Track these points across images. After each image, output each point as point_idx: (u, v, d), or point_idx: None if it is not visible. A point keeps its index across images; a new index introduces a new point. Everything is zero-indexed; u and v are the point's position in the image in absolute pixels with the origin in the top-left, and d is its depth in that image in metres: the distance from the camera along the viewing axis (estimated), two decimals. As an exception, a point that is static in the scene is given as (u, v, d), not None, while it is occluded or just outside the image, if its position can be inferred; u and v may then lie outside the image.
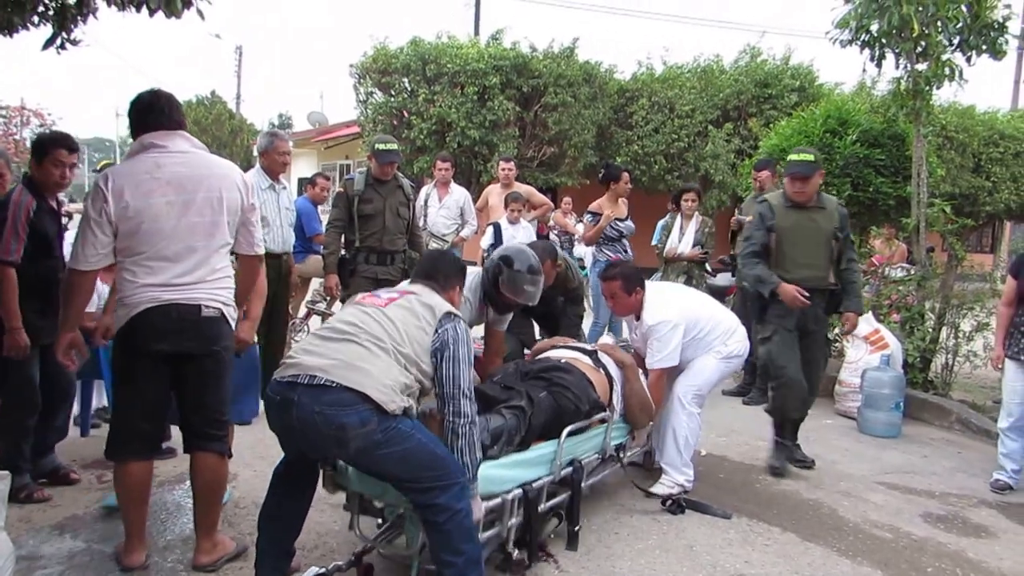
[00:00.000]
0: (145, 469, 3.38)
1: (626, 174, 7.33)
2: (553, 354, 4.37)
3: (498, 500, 3.23)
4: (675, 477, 4.57)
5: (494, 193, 8.23)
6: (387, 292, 3.23)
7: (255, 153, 5.99)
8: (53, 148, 4.03)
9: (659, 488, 4.55)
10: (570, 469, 3.69)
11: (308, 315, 8.61)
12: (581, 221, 10.88)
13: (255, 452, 4.84)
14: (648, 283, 4.64)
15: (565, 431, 3.62)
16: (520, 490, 3.36)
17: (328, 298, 7.62)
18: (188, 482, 3.55)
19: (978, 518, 4.58)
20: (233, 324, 3.43)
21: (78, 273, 3.17)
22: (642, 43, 34.18)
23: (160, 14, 4.02)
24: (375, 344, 2.89)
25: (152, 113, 3.30)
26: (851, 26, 7.29)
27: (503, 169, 8.24)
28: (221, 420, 3.43)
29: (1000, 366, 5.19)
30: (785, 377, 4.98)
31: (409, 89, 15.03)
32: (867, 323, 6.77)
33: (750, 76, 15.99)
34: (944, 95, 7.74)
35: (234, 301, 3.43)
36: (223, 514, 3.78)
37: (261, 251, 3.57)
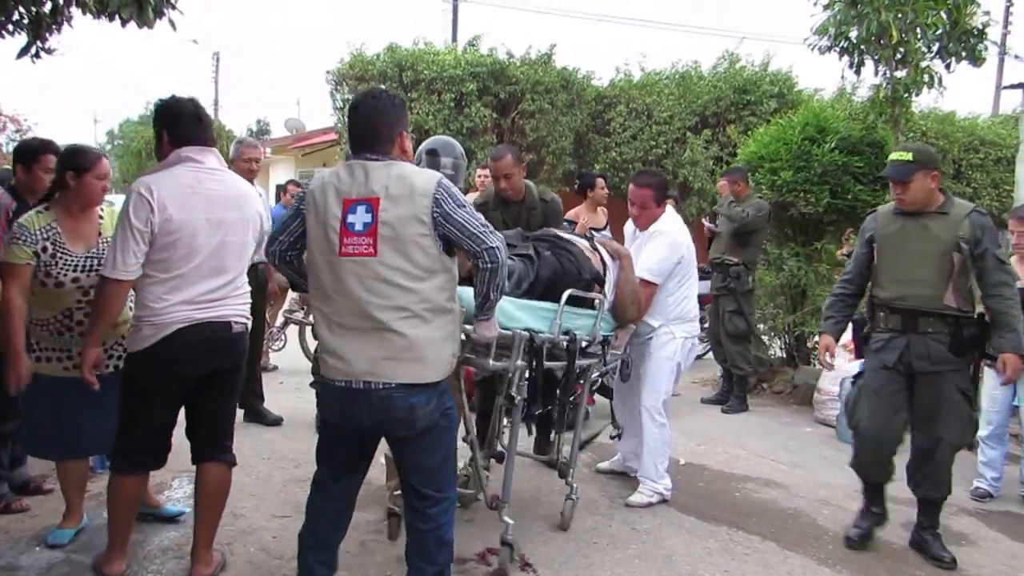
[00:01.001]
0: (143, 482, 3.40)
1: (601, 180, 7.27)
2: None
3: (509, 333, 3.31)
4: (653, 486, 4.54)
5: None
6: (356, 218, 2.73)
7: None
8: (43, 154, 3.97)
9: (638, 498, 4.51)
10: (567, 338, 3.61)
11: (285, 324, 8.50)
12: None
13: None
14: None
15: (567, 292, 3.56)
16: (527, 333, 3.38)
17: (305, 307, 7.53)
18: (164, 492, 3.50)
19: (958, 526, 4.55)
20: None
21: (116, 283, 3.07)
22: (619, 49, 34.27)
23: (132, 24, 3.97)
24: (409, 315, 2.71)
25: (192, 126, 3.25)
26: (830, 33, 7.31)
27: (479, 176, 8.17)
28: (232, 431, 3.47)
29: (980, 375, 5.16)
30: (859, 428, 4.20)
31: (386, 96, 14.94)
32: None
33: (728, 82, 16.02)
34: (924, 101, 7.82)
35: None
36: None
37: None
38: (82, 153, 3.59)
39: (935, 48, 7.19)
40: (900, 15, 6.85)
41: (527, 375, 3.51)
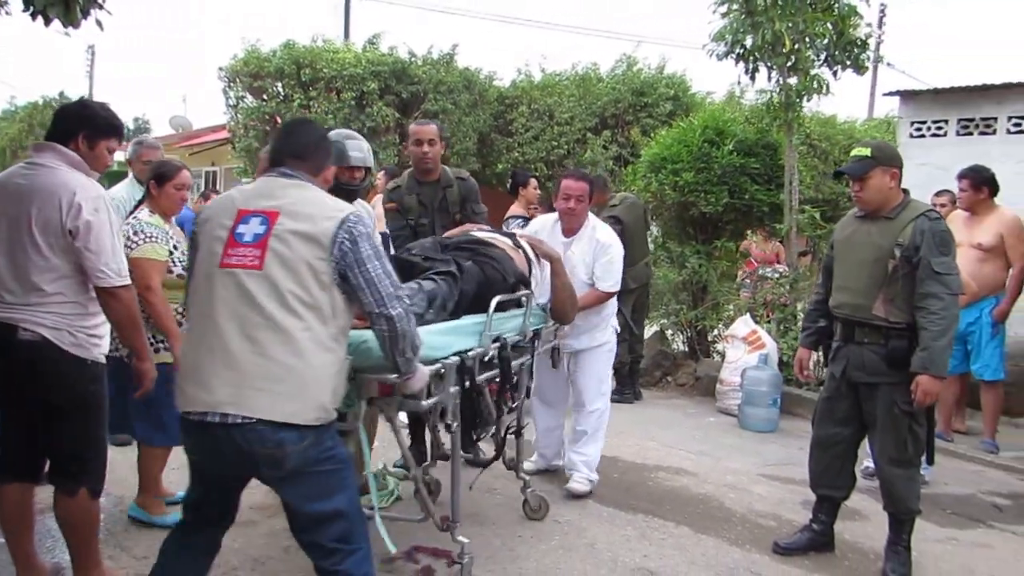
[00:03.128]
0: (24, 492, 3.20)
1: (534, 180, 7.38)
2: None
3: (438, 366, 3.05)
4: (591, 475, 4.78)
5: (380, 204, 8.14)
6: (247, 228, 2.49)
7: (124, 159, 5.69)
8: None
9: (578, 486, 4.69)
10: (497, 345, 3.56)
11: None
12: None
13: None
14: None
15: (495, 300, 3.46)
16: (457, 358, 3.20)
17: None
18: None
19: (851, 503, 4.87)
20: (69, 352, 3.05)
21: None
22: (521, 50, 34.71)
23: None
24: (287, 342, 2.40)
25: (55, 123, 3.19)
26: (727, 40, 7.64)
27: (380, 180, 8.19)
28: (76, 456, 3.15)
29: None
30: (812, 438, 4.19)
31: (283, 94, 14.71)
32: (745, 324, 7.12)
33: (627, 84, 16.42)
34: (808, 105, 8.22)
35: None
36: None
37: (107, 283, 3.04)
38: (164, 164, 4.20)
39: (823, 57, 7.62)
40: (792, 25, 7.23)
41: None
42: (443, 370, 3.08)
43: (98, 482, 3.20)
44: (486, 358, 3.48)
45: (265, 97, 14.85)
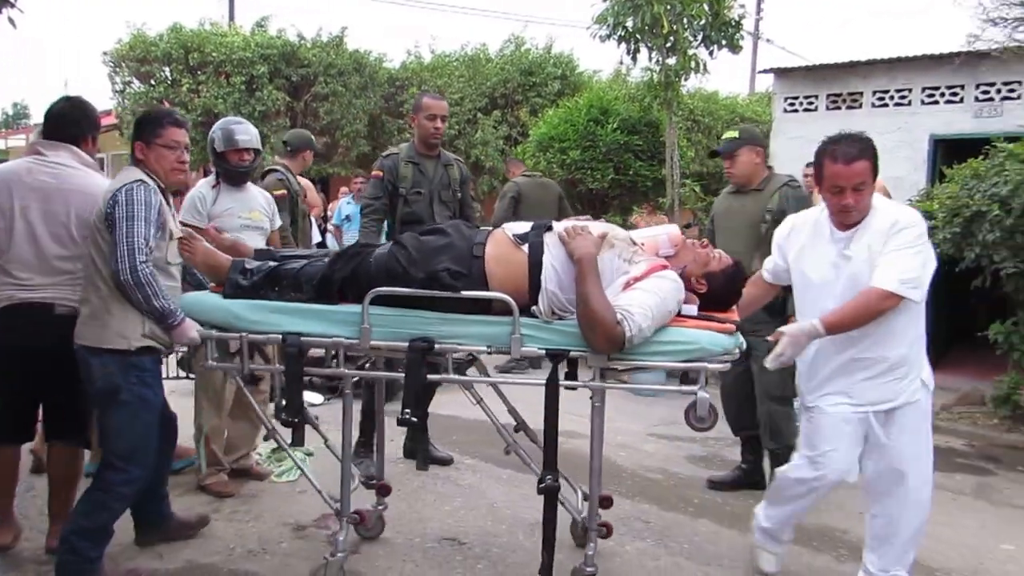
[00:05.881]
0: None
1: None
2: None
3: (239, 336, 3.14)
4: None
5: (312, 190, 8.11)
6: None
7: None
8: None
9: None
10: (404, 344, 3.06)
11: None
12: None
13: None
14: None
15: (369, 293, 3.04)
16: (278, 336, 3.12)
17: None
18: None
19: (732, 455, 5.22)
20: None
21: None
22: (410, 31, 34.40)
23: None
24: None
25: (50, 122, 3.52)
26: (609, 22, 7.92)
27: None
28: (78, 414, 3.55)
29: None
30: (720, 389, 4.57)
31: (171, 79, 14.34)
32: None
33: (515, 65, 16.63)
34: (690, 82, 8.66)
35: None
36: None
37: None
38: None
39: (700, 37, 7.99)
40: (670, 7, 7.55)
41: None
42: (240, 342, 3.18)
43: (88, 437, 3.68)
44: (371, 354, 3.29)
45: (153, 82, 14.47)
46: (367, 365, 3.51)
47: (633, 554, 3.85)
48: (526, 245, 3.13)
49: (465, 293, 3.03)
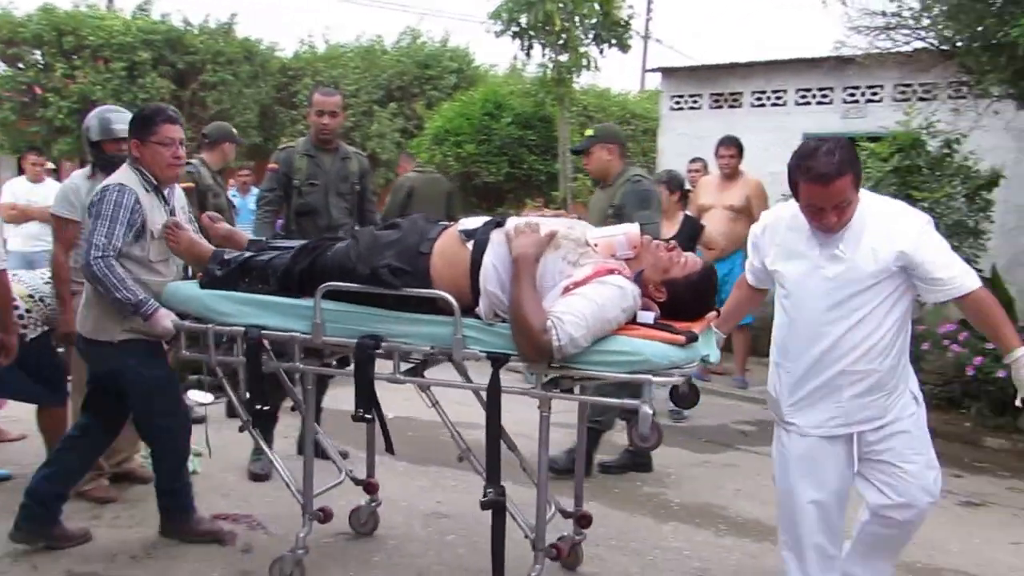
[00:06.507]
0: None
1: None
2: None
3: (207, 327, 3.22)
4: None
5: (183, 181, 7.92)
6: None
7: None
8: None
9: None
10: (352, 340, 3.01)
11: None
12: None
13: None
14: None
15: (319, 289, 3.01)
16: (241, 328, 3.15)
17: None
18: None
19: (621, 439, 5.43)
20: None
21: None
22: (303, 21, 33.69)
23: None
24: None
25: None
26: (503, 18, 8.05)
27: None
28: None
29: None
30: None
31: (43, 62, 13.69)
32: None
33: (411, 57, 16.59)
34: (584, 79, 8.93)
35: None
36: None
37: None
38: None
39: (591, 35, 8.22)
40: (562, 5, 7.74)
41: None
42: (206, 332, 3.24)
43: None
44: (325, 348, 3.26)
45: (21, 65, 13.76)
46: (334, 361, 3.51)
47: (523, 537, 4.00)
48: (471, 242, 2.98)
49: (407, 291, 2.94)
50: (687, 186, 6.52)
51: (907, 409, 2.86)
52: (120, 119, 4.13)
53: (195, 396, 6.06)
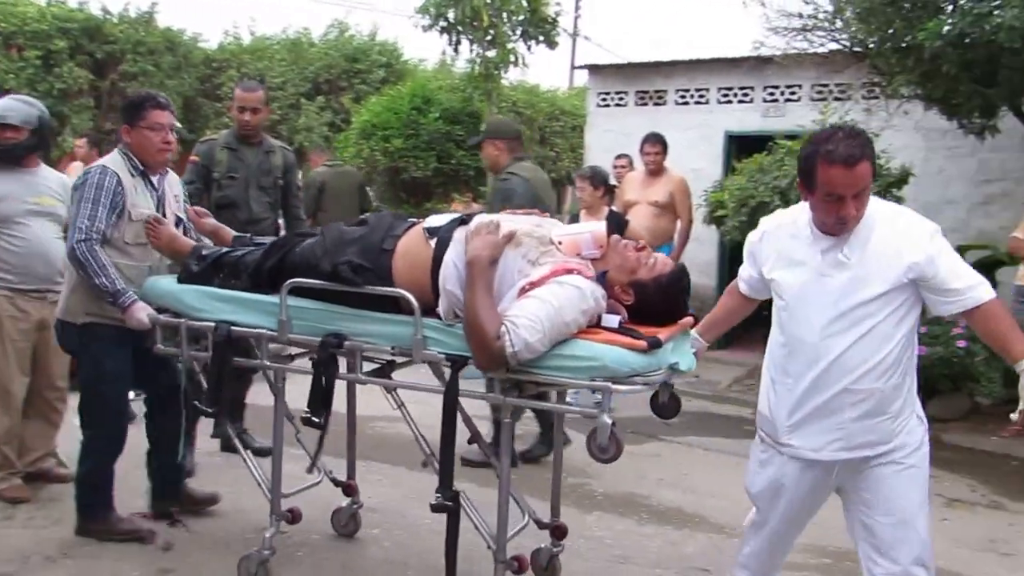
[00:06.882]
0: None
1: None
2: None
3: (180, 322, 3.20)
4: None
5: (78, 171, 7.69)
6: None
7: None
8: None
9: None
10: (316, 339, 2.97)
11: None
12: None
13: None
14: None
15: (284, 285, 2.96)
16: (211, 324, 3.11)
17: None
18: None
19: (534, 427, 5.51)
20: None
21: None
22: (228, 11, 33.00)
23: None
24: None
25: None
26: (431, 13, 8.05)
27: (78, 146, 7.79)
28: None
29: None
30: None
31: (-51, 49, 13.16)
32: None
33: (339, 50, 16.43)
34: (513, 75, 9.00)
35: None
36: None
37: None
38: None
39: (519, 32, 8.27)
40: (489, 1, 7.77)
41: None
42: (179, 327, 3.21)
43: None
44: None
45: (-77, 52, 13.18)
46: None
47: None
48: (434, 240, 2.87)
49: (367, 289, 2.85)
50: (612, 182, 6.62)
51: (914, 432, 2.61)
52: (5, 106, 4.03)
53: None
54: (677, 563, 3.80)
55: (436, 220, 2.97)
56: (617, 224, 4.41)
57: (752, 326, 3.02)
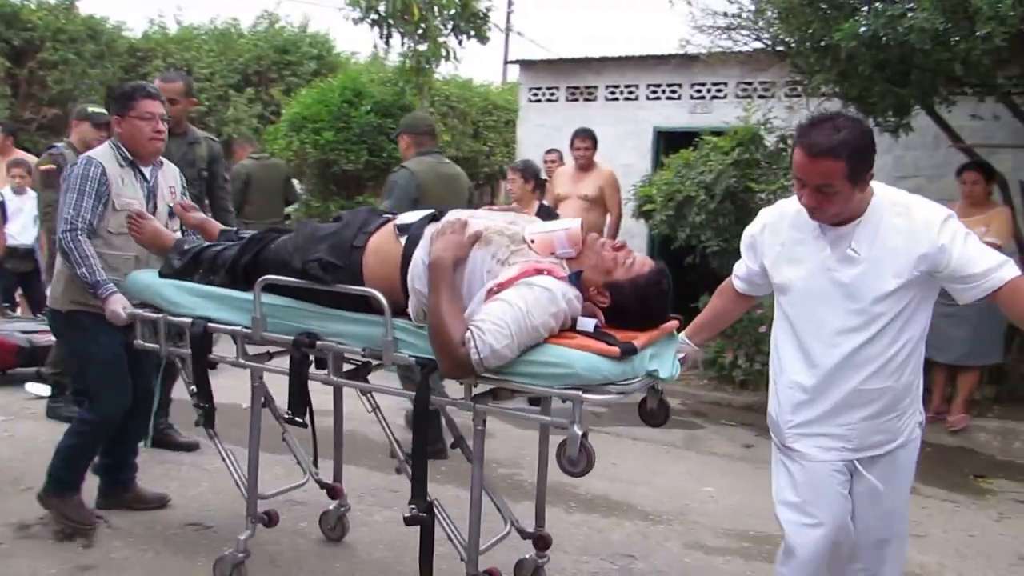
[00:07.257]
0: None
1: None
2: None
3: (158, 317, 3.19)
4: None
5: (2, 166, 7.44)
6: None
7: None
8: None
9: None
10: (289, 338, 2.89)
11: None
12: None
13: None
14: None
15: (258, 282, 2.90)
16: (188, 320, 3.10)
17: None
18: None
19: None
20: None
21: None
22: (153, 0, 32.15)
23: None
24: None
25: None
26: (362, 5, 8.00)
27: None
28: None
29: None
30: None
31: None
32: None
33: (269, 42, 16.19)
34: (445, 70, 8.98)
35: None
36: None
37: None
38: None
39: (450, 26, 8.28)
40: (420, -7, 7.78)
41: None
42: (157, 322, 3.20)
43: None
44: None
45: None
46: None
47: (381, 522, 4.07)
48: (405, 237, 2.76)
49: (336, 287, 2.76)
50: (543, 176, 6.69)
51: (915, 432, 2.56)
52: None
53: (33, 388, 5.82)
54: (604, 550, 3.89)
55: (408, 217, 2.86)
56: (548, 218, 4.44)
57: (690, 314, 3.03)
